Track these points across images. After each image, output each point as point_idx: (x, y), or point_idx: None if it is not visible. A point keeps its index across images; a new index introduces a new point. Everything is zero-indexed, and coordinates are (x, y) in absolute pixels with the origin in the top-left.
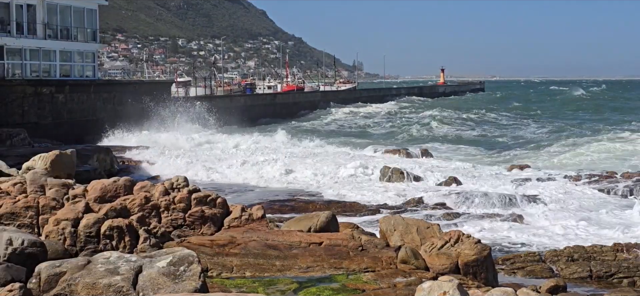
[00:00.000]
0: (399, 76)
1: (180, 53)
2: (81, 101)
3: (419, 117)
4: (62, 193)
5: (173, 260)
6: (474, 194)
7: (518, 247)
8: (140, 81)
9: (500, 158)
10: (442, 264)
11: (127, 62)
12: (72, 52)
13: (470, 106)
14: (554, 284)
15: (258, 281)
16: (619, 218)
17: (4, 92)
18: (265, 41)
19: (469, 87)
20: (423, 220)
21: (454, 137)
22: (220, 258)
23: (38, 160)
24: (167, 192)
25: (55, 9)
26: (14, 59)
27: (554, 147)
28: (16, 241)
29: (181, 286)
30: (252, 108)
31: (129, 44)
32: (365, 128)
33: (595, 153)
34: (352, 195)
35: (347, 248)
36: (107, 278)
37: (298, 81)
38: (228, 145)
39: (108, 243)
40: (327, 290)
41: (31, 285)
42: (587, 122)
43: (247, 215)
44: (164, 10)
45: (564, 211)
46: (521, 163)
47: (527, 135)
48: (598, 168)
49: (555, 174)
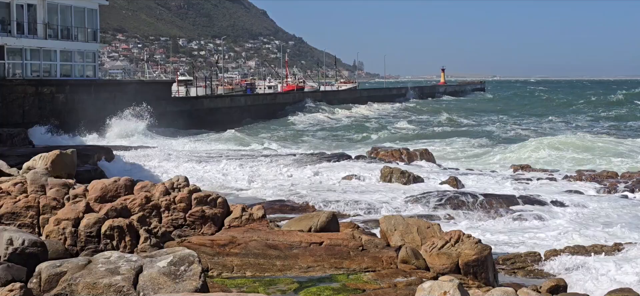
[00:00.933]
0: (399, 76)
1: (181, 53)
2: (82, 101)
3: (383, 123)
4: (63, 193)
5: (173, 259)
6: (475, 194)
7: (519, 247)
8: (141, 81)
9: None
10: (443, 264)
11: (127, 62)
12: (73, 52)
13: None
14: (555, 284)
15: (258, 281)
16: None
17: (5, 91)
18: (265, 41)
19: (470, 87)
20: (423, 219)
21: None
22: (220, 258)
23: (38, 160)
24: (168, 191)
25: (56, 9)
26: (15, 59)
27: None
28: (17, 241)
29: (182, 286)
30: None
31: (130, 44)
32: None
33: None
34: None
35: (348, 248)
36: (107, 278)
37: (298, 81)
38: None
39: (108, 243)
40: (328, 290)
41: (32, 285)
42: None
43: (248, 215)
44: (164, 10)
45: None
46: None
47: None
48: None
49: (556, 174)
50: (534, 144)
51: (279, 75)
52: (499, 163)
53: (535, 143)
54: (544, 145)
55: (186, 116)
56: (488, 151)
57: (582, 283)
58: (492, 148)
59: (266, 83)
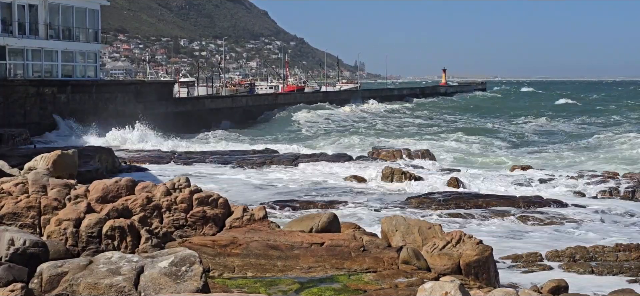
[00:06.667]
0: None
1: (182, 53)
2: (83, 101)
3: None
4: (64, 193)
5: (175, 260)
6: (476, 194)
7: (520, 247)
8: (142, 81)
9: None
10: (444, 264)
11: (129, 62)
12: (74, 52)
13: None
14: (556, 284)
15: (260, 281)
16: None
17: (6, 92)
18: (267, 42)
19: (471, 87)
20: (425, 220)
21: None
22: (221, 258)
23: (40, 160)
24: (169, 192)
25: (57, 9)
26: (16, 59)
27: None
28: (18, 241)
29: (183, 287)
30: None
31: (131, 44)
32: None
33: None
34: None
35: (349, 249)
36: (108, 279)
37: (299, 82)
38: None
39: (110, 243)
40: (329, 291)
41: (33, 285)
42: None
43: (249, 216)
44: (165, 10)
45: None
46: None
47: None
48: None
49: (557, 175)
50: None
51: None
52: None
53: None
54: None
55: (187, 116)
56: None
57: (584, 283)
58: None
59: (267, 83)
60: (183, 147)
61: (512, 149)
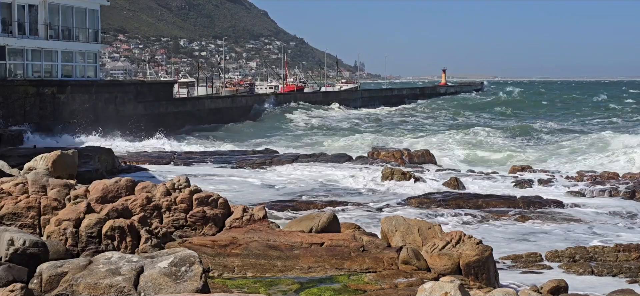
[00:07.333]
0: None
1: (182, 53)
2: (83, 101)
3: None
4: (64, 193)
5: (174, 260)
6: (476, 195)
7: (519, 248)
8: (142, 81)
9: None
10: (444, 265)
11: (128, 62)
12: (74, 52)
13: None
14: (556, 284)
15: (259, 281)
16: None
17: (6, 92)
18: (266, 42)
19: (470, 88)
20: (424, 220)
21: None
22: (221, 258)
23: (40, 160)
24: (169, 192)
25: (57, 10)
26: (16, 60)
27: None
28: (18, 241)
29: (183, 287)
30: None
31: (131, 45)
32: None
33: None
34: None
35: (349, 249)
36: (108, 279)
37: (299, 82)
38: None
39: (109, 243)
40: (329, 291)
41: (33, 285)
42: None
43: (249, 216)
44: (165, 10)
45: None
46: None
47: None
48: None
49: (557, 175)
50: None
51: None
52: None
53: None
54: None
55: (187, 117)
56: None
57: (583, 283)
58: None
59: (267, 84)
60: (176, 146)
61: (512, 148)
